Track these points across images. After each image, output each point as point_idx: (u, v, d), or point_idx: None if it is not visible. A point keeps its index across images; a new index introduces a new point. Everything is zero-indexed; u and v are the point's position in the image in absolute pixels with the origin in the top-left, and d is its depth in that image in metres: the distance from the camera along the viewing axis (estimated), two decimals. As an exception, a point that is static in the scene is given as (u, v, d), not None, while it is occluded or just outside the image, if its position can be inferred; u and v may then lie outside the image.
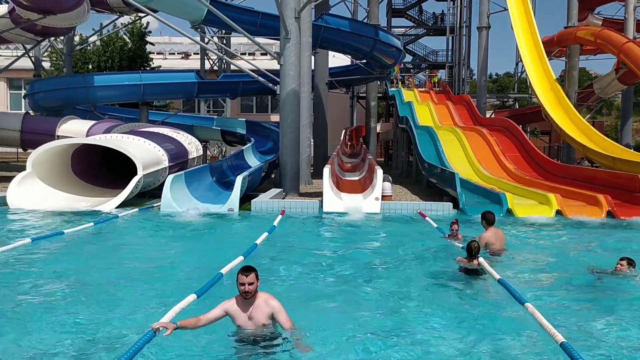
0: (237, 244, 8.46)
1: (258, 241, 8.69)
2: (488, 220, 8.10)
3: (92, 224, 10.33)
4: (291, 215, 11.99)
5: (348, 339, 4.68)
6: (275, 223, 10.59)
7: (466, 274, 6.81)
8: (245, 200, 13.06)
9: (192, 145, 17.58)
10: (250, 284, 4.39)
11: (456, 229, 8.98)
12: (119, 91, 21.11)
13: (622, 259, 6.86)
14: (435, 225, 10.43)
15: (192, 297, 5.37)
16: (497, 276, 6.48)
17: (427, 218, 11.47)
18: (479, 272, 6.84)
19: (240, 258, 7.38)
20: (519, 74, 33.91)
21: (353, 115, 37.26)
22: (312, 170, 19.50)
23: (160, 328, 4.21)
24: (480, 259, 7.05)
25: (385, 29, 31.05)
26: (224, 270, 6.57)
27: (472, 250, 6.92)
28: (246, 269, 4.47)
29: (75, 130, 18.02)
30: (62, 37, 24.26)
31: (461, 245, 8.11)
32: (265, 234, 9.31)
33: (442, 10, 41.72)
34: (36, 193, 12.73)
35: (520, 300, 5.57)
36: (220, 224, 11.08)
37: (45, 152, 13.24)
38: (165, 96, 25.24)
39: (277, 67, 15.47)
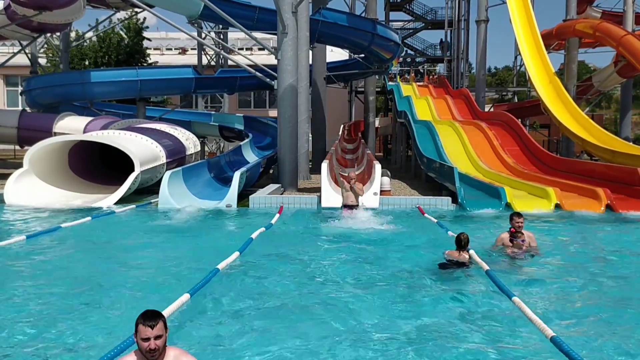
0: (235, 240, 8.43)
1: (253, 235, 8.68)
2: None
3: (89, 218, 10.34)
4: (289, 211, 11.95)
5: (340, 336, 4.63)
6: (273, 221, 10.54)
7: (455, 268, 6.72)
8: (244, 196, 13.02)
9: (190, 141, 17.53)
10: (157, 337, 3.19)
11: (523, 239, 7.48)
12: (116, 87, 21.04)
13: None
14: (434, 221, 10.41)
15: (186, 296, 5.32)
16: (486, 267, 6.54)
17: (425, 215, 11.46)
18: (468, 265, 6.76)
19: (236, 254, 7.35)
20: (518, 68, 33.79)
21: (351, 110, 37.19)
22: (310, 166, 19.45)
23: None
24: (471, 252, 7.01)
25: (384, 23, 30.94)
26: (220, 266, 6.55)
27: (461, 242, 6.85)
28: (150, 317, 3.23)
29: (72, 126, 17.95)
30: (58, 34, 24.15)
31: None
32: (262, 229, 9.28)
33: (412, 9, 41.03)
34: (33, 190, 12.69)
35: (508, 294, 5.56)
36: (218, 220, 11.04)
37: (43, 149, 13.20)
38: (163, 92, 25.18)
39: (275, 62, 15.40)
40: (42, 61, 29.29)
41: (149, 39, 33.29)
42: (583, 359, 3.90)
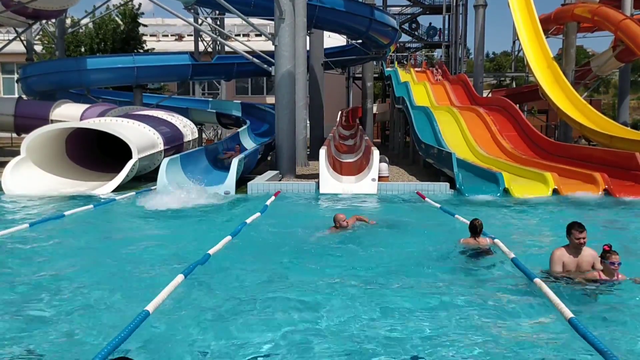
0: (232, 226, 8.45)
1: (248, 220, 8.74)
2: None
3: (91, 206, 10.36)
4: (286, 197, 11.96)
5: (349, 326, 4.58)
6: (268, 203, 10.58)
7: (471, 255, 6.64)
8: (242, 182, 13.02)
9: (187, 128, 17.49)
10: None
11: (617, 261, 5.53)
12: (112, 74, 20.91)
13: None
14: (437, 205, 10.43)
15: (180, 277, 5.47)
16: (512, 255, 6.43)
17: (427, 199, 11.49)
18: (486, 252, 6.67)
19: (228, 238, 7.40)
20: (516, 53, 33.67)
21: (349, 96, 37.07)
22: (308, 152, 19.43)
23: None
24: (496, 240, 6.94)
25: (381, 8, 30.73)
26: (211, 251, 6.62)
27: (476, 228, 6.79)
28: None
29: (69, 114, 17.87)
30: (53, 20, 23.95)
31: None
32: (258, 214, 9.31)
33: None
34: (31, 178, 12.67)
35: (530, 276, 5.60)
36: (216, 207, 11.04)
37: (40, 136, 13.16)
38: (159, 79, 25.03)
39: (272, 48, 15.31)
40: (38, 48, 29.06)
41: (145, 25, 33.00)
42: (599, 341, 3.94)
